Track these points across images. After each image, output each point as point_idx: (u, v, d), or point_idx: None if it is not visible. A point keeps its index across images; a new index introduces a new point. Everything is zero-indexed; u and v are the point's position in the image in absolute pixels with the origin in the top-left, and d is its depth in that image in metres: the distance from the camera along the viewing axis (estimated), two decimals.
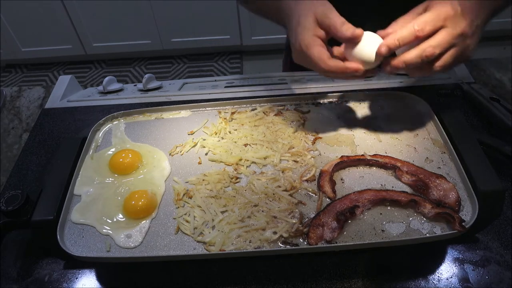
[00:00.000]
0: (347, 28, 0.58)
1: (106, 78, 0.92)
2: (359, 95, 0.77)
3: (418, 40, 0.56)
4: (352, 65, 0.59)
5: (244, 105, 0.77)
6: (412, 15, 0.60)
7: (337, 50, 0.62)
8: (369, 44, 0.58)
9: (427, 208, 0.55)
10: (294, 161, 0.65)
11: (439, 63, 0.57)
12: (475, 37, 0.58)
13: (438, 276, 0.54)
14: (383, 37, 0.59)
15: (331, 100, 0.77)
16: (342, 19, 0.59)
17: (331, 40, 0.61)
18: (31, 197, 0.58)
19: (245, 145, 0.69)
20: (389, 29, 0.59)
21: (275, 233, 0.55)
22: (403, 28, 0.57)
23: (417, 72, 0.60)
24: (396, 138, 0.68)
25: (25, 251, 0.61)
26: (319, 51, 0.58)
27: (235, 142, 0.69)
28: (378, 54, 0.58)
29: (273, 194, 0.60)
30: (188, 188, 0.63)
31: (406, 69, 0.59)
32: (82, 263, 0.58)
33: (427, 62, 0.57)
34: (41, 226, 0.57)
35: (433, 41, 0.56)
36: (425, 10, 0.59)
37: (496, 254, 0.56)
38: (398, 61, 0.58)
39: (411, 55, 0.57)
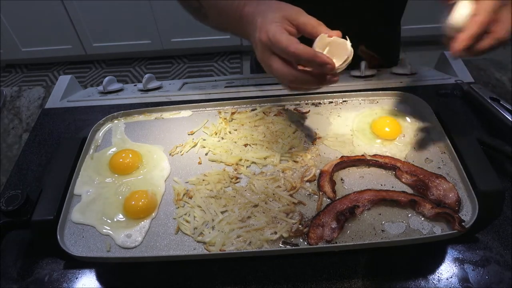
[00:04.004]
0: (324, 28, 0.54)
1: (106, 78, 0.92)
2: (359, 95, 0.76)
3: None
4: (324, 57, 0.51)
5: (244, 105, 0.77)
6: None
7: None
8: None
9: (427, 208, 0.55)
10: (294, 161, 0.65)
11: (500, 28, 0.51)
12: None
13: (438, 276, 0.54)
14: None
15: (331, 100, 0.77)
16: (317, 20, 0.55)
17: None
18: (31, 197, 0.58)
19: (245, 145, 0.69)
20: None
21: (275, 233, 0.55)
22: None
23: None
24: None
25: (25, 251, 0.61)
26: (288, 37, 0.52)
27: (235, 142, 0.69)
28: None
29: (273, 194, 0.60)
30: (188, 188, 0.63)
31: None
32: (82, 263, 0.58)
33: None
34: (41, 226, 0.57)
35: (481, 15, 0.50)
36: None
37: (496, 254, 0.56)
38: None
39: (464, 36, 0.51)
